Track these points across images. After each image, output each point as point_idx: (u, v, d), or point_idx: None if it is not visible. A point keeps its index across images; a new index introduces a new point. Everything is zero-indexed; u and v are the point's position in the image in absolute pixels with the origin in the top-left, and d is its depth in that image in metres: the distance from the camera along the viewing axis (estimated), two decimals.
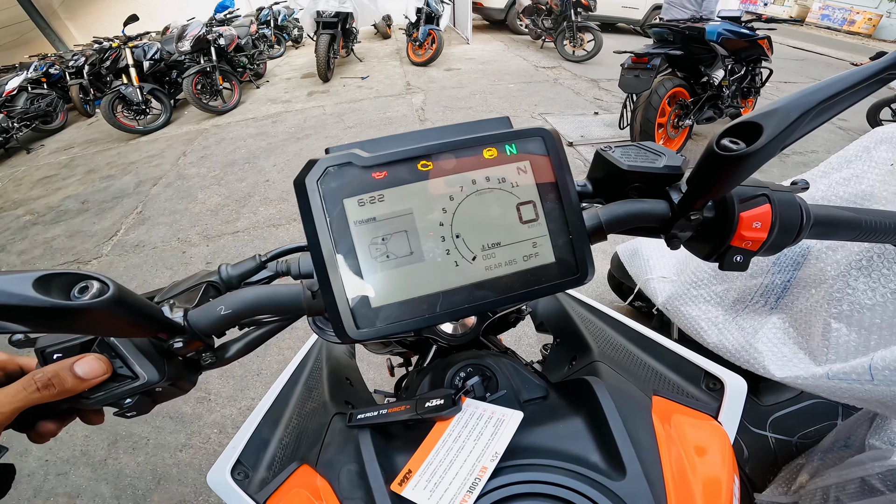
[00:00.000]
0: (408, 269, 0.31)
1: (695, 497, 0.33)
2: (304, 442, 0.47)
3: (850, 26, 12.40)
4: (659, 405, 0.41)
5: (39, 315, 0.22)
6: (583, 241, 0.34)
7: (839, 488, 0.82)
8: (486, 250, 0.33)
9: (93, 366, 0.31)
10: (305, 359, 0.63)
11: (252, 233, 2.78)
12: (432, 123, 4.25)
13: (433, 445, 0.34)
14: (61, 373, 0.30)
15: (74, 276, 0.24)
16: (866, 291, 0.65)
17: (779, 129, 0.29)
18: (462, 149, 0.32)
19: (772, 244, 0.37)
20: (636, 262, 1.29)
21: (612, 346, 0.54)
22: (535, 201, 0.33)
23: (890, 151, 0.73)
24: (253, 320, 0.39)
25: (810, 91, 0.31)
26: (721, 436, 0.40)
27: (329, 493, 0.36)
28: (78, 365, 0.30)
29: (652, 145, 0.41)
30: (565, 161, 0.34)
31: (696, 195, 0.35)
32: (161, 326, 0.30)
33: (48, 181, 4.07)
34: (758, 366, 0.76)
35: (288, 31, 8.92)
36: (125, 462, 1.54)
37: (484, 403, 0.37)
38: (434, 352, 0.55)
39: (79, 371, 0.30)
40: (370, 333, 0.31)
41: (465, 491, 0.30)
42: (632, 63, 2.85)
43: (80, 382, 0.30)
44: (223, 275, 0.39)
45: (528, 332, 1.79)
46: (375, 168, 0.31)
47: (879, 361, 0.58)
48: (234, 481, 0.42)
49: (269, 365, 1.84)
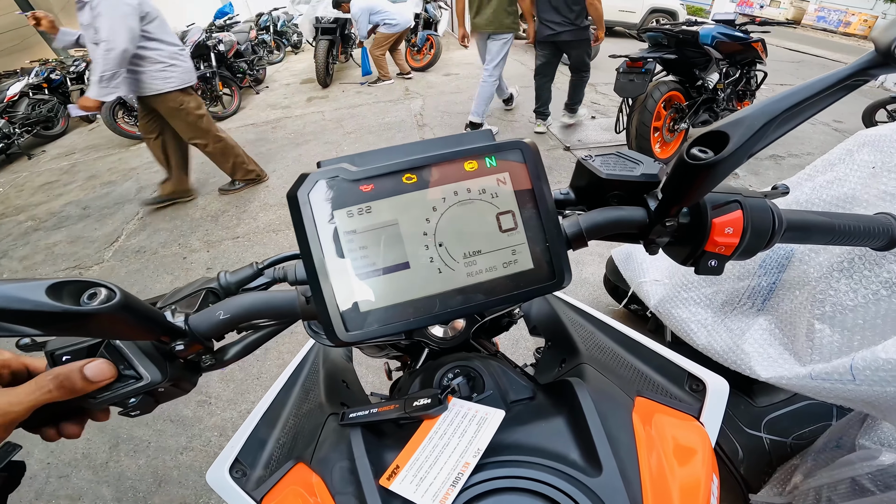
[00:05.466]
0: (394, 275, 0.33)
1: (671, 494, 0.34)
2: (300, 441, 0.48)
3: (846, 28, 12.45)
4: (641, 405, 0.43)
5: (52, 319, 0.24)
6: (559, 249, 0.35)
7: (831, 488, 0.83)
8: (468, 258, 0.34)
9: (101, 368, 0.33)
10: (303, 362, 0.65)
11: (252, 238, 2.80)
12: (431, 128, 4.28)
13: (420, 442, 0.35)
14: (71, 375, 0.32)
15: (84, 284, 0.26)
16: (848, 293, 0.67)
17: (745, 137, 0.30)
18: (444, 162, 0.34)
19: (745, 249, 0.39)
20: (630, 266, 1.31)
21: (599, 349, 0.55)
22: (514, 211, 0.35)
23: (872, 154, 0.74)
24: (250, 324, 0.41)
25: (776, 100, 0.33)
26: (701, 435, 0.41)
27: (322, 489, 0.37)
28: (87, 368, 0.32)
29: (632, 154, 0.43)
30: (543, 172, 0.36)
31: (671, 202, 0.36)
32: (164, 330, 0.32)
33: (49, 187, 4.09)
34: (745, 367, 0.78)
35: (287, 37, 8.97)
36: (126, 465, 1.55)
37: (469, 402, 0.39)
38: (426, 355, 0.57)
39: (88, 373, 0.32)
40: (359, 336, 0.32)
41: (449, 485, 0.32)
42: (627, 67, 2.87)
43: (89, 384, 0.32)
44: (222, 281, 0.41)
45: (525, 335, 1.81)
46: (363, 181, 0.33)
47: (860, 362, 0.60)
48: (233, 479, 0.43)
49: (268, 369, 1.86)
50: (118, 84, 2.36)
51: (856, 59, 0.36)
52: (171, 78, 2.58)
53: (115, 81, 2.32)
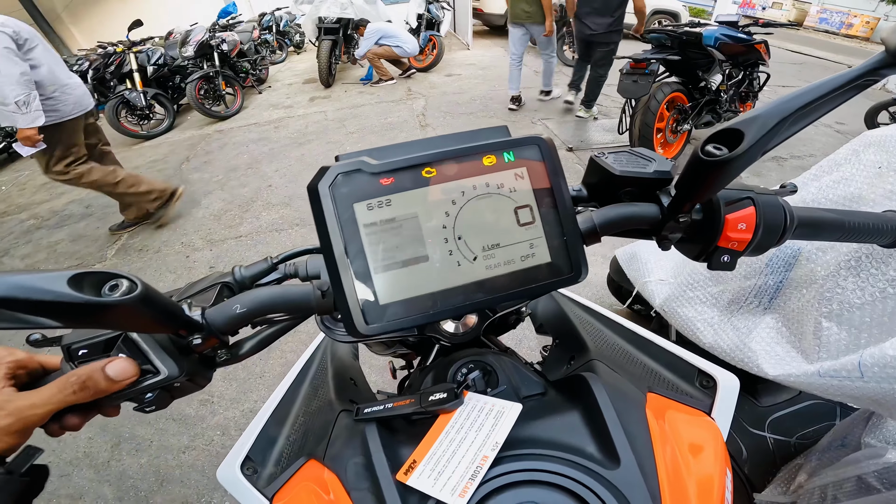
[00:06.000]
0: (413, 268, 0.34)
1: (687, 488, 0.35)
2: (310, 438, 0.48)
3: (848, 29, 12.48)
4: (653, 401, 0.43)
5: (73, 311, 0.23)
6: (576, 243, 0.36)
7: (836, 487, 0.83)
8: (486, 251, 0.35)
9: (124, 367, 0.32)
10: (311, 359, 0.65)
11: (255, 237, 2.80)
12: (433, 129, 4.28)
13: (437, 437, 0.36)
14: (94, 375, 0.31)
15: (105, 275, 0.25)
16: (855, 291, 0.67)
17: (759, 134, 0.31)
18: (463, 157, 0.35)
19: (757, 245, 0.39)
20: (634, 266, 1.31)
21: (608, 346, 0.56)
22: (532, 205, 0.35)
23: (877, 154, 0.75)
24: (265, 319, 0.41)
25: (788, 98, 0.33)
26: (714, 431, 0.41)
27: (337, 485, 0.37)
28: (109, 367, 0.31)
29: (643, 151, 0.43)
30: (560, 167, 0.36)
31: (684, 198, 0.37)
32: (182, 323, 0.32)
33: (52, 185, 4.08)
34: (752, 365, 0.78)
35: (290, 37, 8.98)
36: (128, 464, 1.55)
37: (485, 397, 0.39)
38: (437, 351, 0.57)
39: (110, 373, 0.31)
40: (378, 329, 0.33)
41: (468, 479, 0.32)
42: (630, 68, 2.88)
43: (112, 384, 0.32)
44: (237, 276, 0.41)
45: (528, 335, 1.81)
46: (383, 174, 0.33)
47: (868, 358, 0.60)
48: (244, 476, 0.43)
49: (271, 368, 1.86)
50: (38, 105, 2.16)
51: (865, 60, 0.36)
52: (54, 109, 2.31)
53: (33, 104, 2.13)
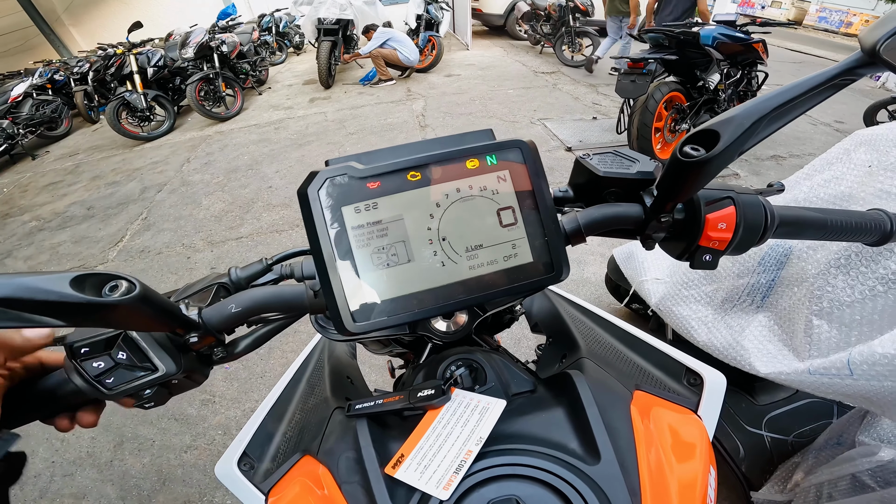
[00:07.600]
0: (400, 268, 0.35)
1: (669, 484, 0.35)
2: (306, 434, 0.49)
3: (848, 28, 12.41)
4: (640, 399, 0.44)
5: (75, 310, 0.25)
6: (558, 243, 0.37)
7: (832, 485, 0.83)
8: (470, 252, 0.36)
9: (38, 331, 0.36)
10: (308, 358, 0.66)
11: (255, 238, 2.82)
12: (433, 129, 4.29)
13: (424, 432, 0.36)
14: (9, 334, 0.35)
15: (106, 276, 0.26)
16: (845, 289, 0.67)
17: (735, 135, 0.32)
18: (447, 160, 0.36)
19: (738, 244, 0.40)
20: (631, 265, 1.31)
21: (599, 344, 0.56)
22: (514, 207, 0.36)
23: (868, 153, 0.75)
24: (260, 318, 0.42)
25: (765, 99, 0.34)
26: (699, 428, 0.42)
27: (329, 479, 0.38)
28: None
29: (628, 152, 0.44)
30: (542, 170, 0.37)
31: (665, 198, 0.38)
32: (179, 322, 0.33)
33: (54, 187, 4.12)
34: (744, 363, 0.79)
35: (289, 38, 9.01)
36: (131, 463, 1.56)
37: (471, 393, 0.40)
38: (429, 349, 0.58)
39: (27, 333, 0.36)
40: (366, 327, 0.34)
41: (452, 472, 0.33)
42: (628, 68, 2.88)
43: (28, 342, 0.36)
44: (233, 276, 0.42)
45: (528, 334, 1.82)
46: (370, 178, 0.34)
47: (857, 356, 0.61)
48: (241, 472, 0.44)
49: (272, 367, 1.87)
50: None
51: (843, 59, 0.37)
52: None
53: None
